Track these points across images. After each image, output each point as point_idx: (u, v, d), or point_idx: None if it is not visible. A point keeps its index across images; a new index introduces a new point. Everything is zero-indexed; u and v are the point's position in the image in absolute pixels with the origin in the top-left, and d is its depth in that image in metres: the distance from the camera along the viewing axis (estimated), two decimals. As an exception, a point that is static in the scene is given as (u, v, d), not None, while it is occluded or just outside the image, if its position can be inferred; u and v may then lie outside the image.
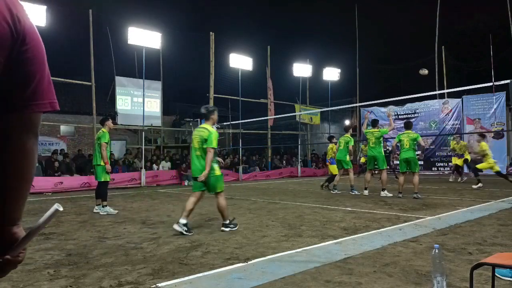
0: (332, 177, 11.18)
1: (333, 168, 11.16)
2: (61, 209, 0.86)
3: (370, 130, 9.52)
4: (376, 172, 12.20)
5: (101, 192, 7.14)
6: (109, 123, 7.36)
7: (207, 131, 5.03)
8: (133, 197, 9.87)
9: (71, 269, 3.47)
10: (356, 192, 9.78)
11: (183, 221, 4.89)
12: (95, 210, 7.05)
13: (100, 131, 7.26)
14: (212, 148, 4.92)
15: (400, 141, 8.80)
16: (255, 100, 19.44)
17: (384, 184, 9.35)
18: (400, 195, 8.61)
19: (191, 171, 5.24)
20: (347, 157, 10.16)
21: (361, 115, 22.53)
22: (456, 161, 13.86)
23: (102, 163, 7.04)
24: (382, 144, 9.68)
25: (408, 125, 9.11)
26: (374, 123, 9.74)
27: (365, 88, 22.90)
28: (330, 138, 12.07)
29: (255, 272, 3.29)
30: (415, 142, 8.62)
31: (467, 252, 3.86)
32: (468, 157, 13.67)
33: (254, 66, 18.10)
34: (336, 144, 11.09)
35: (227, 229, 5.11)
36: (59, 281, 3.12)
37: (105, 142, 7.03)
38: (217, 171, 5.11)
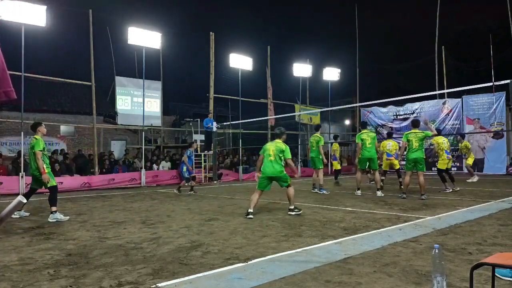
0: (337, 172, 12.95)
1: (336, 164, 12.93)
2: (24, 201, 0.86)
3: (366, 131, 9.46)
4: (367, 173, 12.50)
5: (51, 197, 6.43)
6: (42, 128, 6.69)
7: (284, 145, 6.70)
8: (133, 197, 9.87)
9: (71, 269, 3.47)
10: (325, 192, 10.02)
11: (251, 210, 6.36)
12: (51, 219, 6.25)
13: (33, 138, 6.49)
14: (290, 158, 6.72)
15: (408, 141, 8.41)
16: (255, 100, 19.44)
17: (379, 184, 9.47)
18: (404, 196, 8.40)
19: (263, 172, 6.65)
20: (320, 156, 10.30)
21: (361, 115, 22.55)
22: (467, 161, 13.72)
23: (38, 173, 6.36)
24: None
25: (415, 124, 8.74)
26: (364, 125, 10.33)
27: (365, 88, 22.91)
28: (335, 137, 13.53)
29: (255, 272, 3.29)
30: (423, 142, 8.36)
31: (467, 252, 3.86)
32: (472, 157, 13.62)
33: (254, 66, 18.09)
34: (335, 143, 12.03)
35: (293, 213, 6.51)
36: (59, 281, 3.12)
37: (40, 150, 6.33)
38: (284, 171, 6.74)
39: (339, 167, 13.34)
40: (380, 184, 9.69)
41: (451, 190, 9.70)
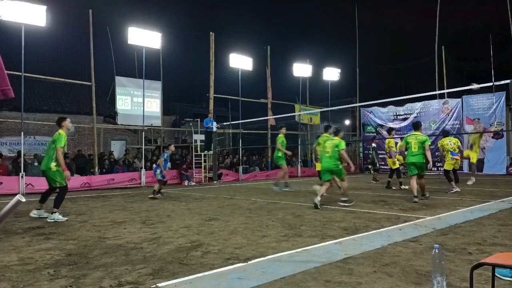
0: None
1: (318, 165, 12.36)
2: (23, 200, 0.85)
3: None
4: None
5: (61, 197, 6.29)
6: (67, 123, 6.44)
7: (338, 140, 7.49)
8: (133, 197, 9.87)
9: (71, 269, 3.47)
10: (286, 189, 10.48)
11: (318, 198, 7.16)
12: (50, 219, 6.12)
13: (57, 132, 6.28)
14: (344, 149, 7.42)
15: (407, 143, 8.03)
16: (255, 100, 19.44)
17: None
18: (417, 199, 7.67)
19: (322, 166, 7.65)
20: (279, 153, 10.79)
21: (361, 115, 22.55)
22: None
23: (54, 168, 6.15)
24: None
25: (416, 126, 8.28)
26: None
27: (365, 88, 22.91)
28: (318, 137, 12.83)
29: (255, 272, 3.29)
30: (424, 146, 7.79)
31: (467, 252, 3.86)
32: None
33: (254, 66, 18.09)
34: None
35: (346, 204, 7.29)
36: (59, 281, 3.12)
37: (61, 146, 6.14)
38: (340, 165, 7.53)
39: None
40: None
41: (459, 189, 9.54)
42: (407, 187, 10.14)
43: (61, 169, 6.14)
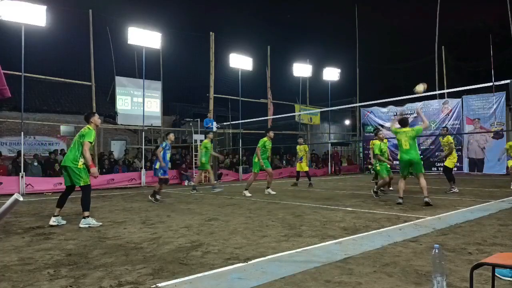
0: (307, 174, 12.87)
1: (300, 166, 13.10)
2: (21, 199, 0.84)
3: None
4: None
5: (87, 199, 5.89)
6: (95, 118, 6.26)
7: (410, 129, 7.56)
8: (133, 197, 9.87)
9: (71, 269, 3.47)
10: (217, 190, 10.86)
11: (400, 200, 7.31)
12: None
13: (86, 127, 6.12)
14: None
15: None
16: (255, 100, 19.44)
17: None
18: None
19: (401, 159, 7.57)
20: (203, 159, 11.11)
21: (361, 115, 22.55)
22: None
23: (79, 165, 5.83)
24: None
25: (403, 122, 7.87)
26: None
27: (365, 88, 22.92)
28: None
29: (255, 272, 3.29)
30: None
31: (467, 252, 3.86)
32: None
33: (254, 66, 18.10)
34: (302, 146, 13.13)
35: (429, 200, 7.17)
36: (59, 281, 3.12)
37: (90, 142, 5.91)
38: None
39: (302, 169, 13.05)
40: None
41: (457, 190, 9.53)
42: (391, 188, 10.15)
43: (88, 165, 5.82)
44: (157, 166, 8.63)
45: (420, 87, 7.89)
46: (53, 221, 5.75)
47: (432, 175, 16.76)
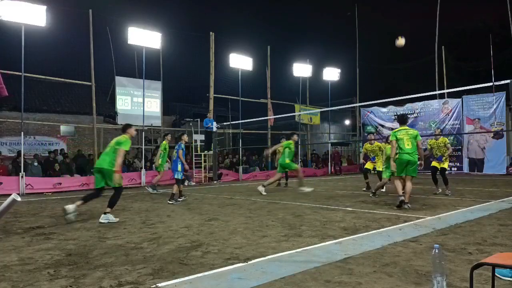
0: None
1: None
2: (18, 199, 0.84)
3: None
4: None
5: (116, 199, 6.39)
6: (131, 130, 6.62)
7: (412, 130, 7.23)
8: (133, 197, 9.87)
9: (71, 269, 3.47)
10: (151, 190, 10.94)
11: (402, 198, 6.86)
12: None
13: (122, 136, 6.46)
14: (420, 140, 7.13)
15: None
16: (255, 100, 19.44)
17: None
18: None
19: (400, 159, 7.01)
20: (160, 160, 10.97)
21: (361, 115, 22.56)
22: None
23: (114, 168, 6.23)
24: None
25: (403, 120, 7.45)
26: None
27: (365, 88, 22.92)
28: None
29: (255, 272, 3.29)
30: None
31: (467, 252, 3.86)
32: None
33: (254, 66, 18.08)
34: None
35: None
36: (59, 281, 3.12)
37: (126, 150, 6.35)
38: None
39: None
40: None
41: (450, 193, 9.14)
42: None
43: (117, 170, 6.21)
44: (179, 168, 8.58)
45: (401, 41, 8.02)
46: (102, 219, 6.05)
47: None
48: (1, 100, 14.85)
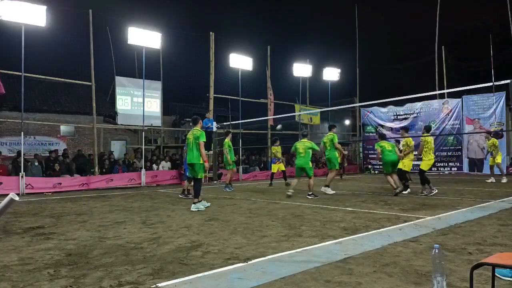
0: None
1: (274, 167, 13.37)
2: (16, 198, 0.84)
3: (302, 141, 9.65)
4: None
5: (198, 188, 7.41)
6: (201, 122, 7.86)
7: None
8: (133, 197, 9.87)
9: (71, 269, 3.47)
10: (228, 190, 11.10)
11: (399, 189, 8.86)
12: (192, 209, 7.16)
13: (196, 129, 7.52)
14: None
15: (381, 147, 9.59)
16: (255, 100, 19.43)
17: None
18: (401, 188, 9.20)
19: (391, 161, 9.32)
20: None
21: (361, 115, 22.55)
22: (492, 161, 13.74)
23: (201, 161, 7.32)
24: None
25: (382, 136, 10.12)
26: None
27: (365, 88, 22.92)
28: (274, 141, 13.66)
29: (255, 272, 3.29)
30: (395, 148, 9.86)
31: (467, 252, 3.86)
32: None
33: (254, 66, 18.07)
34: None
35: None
36: (59, 281, 3.12)
37: (203, 141, 7.31)
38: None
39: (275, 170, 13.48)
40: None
41: (436, 191, 9.04)
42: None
43: (204, 160, 7.32)
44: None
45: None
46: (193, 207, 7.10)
47: (432, 175, 16.76)
48: (1, 100, 14.85)
